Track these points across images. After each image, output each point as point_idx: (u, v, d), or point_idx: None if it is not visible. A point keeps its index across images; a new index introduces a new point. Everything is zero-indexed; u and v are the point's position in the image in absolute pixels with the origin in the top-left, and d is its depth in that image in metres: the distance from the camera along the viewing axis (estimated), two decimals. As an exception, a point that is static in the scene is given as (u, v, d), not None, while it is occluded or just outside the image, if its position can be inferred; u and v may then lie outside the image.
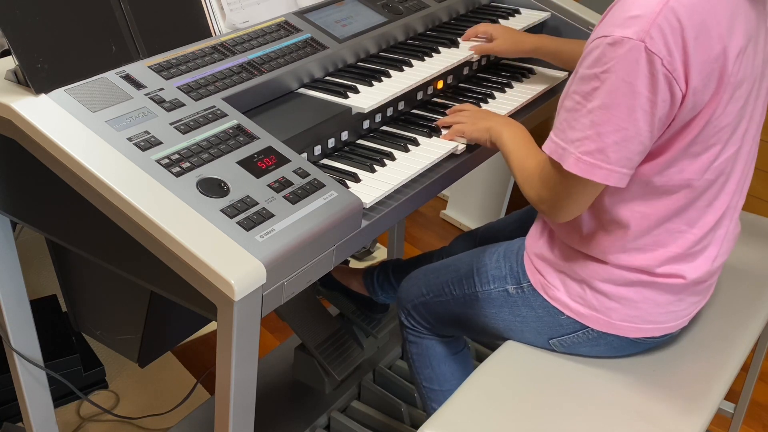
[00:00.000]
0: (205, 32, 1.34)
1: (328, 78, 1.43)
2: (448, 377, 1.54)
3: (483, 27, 1.63)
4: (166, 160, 1.05)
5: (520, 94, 1.59)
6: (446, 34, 1.67)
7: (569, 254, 1.29)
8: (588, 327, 1.30)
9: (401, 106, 1.47)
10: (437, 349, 1.54)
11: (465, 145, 1.37)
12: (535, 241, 1.36)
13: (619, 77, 1.05)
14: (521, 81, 1.66)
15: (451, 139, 1.38)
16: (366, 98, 1.35)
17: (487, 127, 1.35)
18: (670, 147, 1.13)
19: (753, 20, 1.13)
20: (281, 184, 1.07)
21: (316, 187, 1.09)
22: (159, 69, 1.21)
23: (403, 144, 1.34)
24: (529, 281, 1.35)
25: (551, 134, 1.15)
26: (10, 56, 1.11)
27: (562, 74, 1.69)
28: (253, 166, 1.09)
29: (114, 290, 1.52)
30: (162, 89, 1.17)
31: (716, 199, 1.21)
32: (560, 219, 1.21)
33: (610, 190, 1.19)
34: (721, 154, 1.16)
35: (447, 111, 1.45)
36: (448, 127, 1.40)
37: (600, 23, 1.11)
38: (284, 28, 1.43)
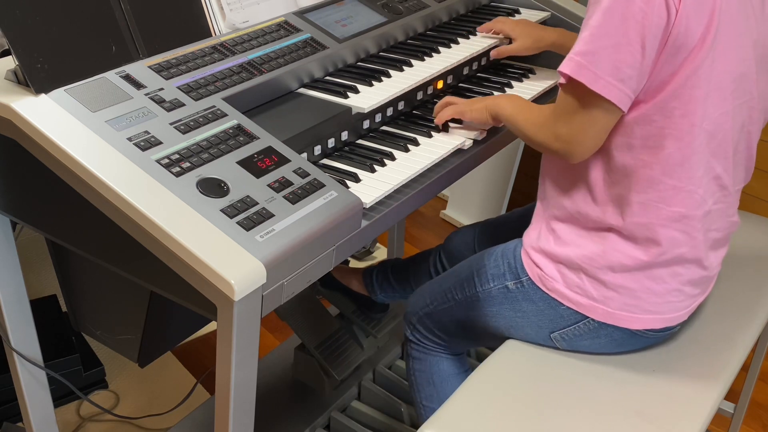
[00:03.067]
0: (205, 32, 1.34)
1: (328, 78, 1.43)
2: (449, 396, 1.53)
3: (500, 25, 1.64)
4: (166, 160, 1.05)
5: (520, 94, 1.59)
6: (446, 34, 1.67)
7: (566, 242, 1.30)
8: (588, 317, 1.31)
9: (401, 106, 1.47)
10: (442, 366, 1.54)
11: (473, 141, 1.38)
12: (532, 236, 1.37)
13: None
14: (521, 81, 1.66)
15: (450, 119, 1.40)
16: (366, 98, 1.35)
17: (483, 106, 1.37)
18: (667, 84, 1.15)
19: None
20: (281, 184, 1.07)
21: (316, 187, 1.09)
22: (159, 69, 1.21)
23: (403, 144, 1.34)
24: (528, 275, 1.35)
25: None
26: (10, 56, 1.11)
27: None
28: (253, 166, 1.09)
29: (114, 290, 1.52)
30: (162, 89, 1.17)
31: (715, 159, 1.22)
32: (577, 154, 1.22)
33: (617, 134, 1.20)
34: (719, 105, 1.18)
35: (435, 108, 1.45)
36: (444, 129, 1.41)
37: None
38: (284, 28, 1.43)
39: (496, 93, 1.58)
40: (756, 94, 1.25)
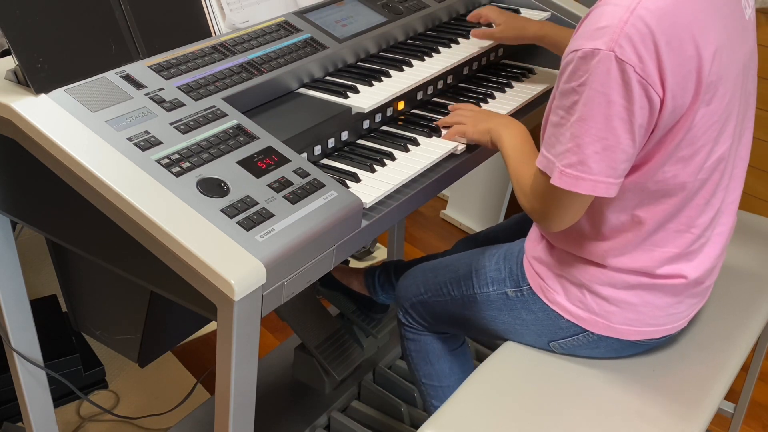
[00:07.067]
0: (205, 32, 1.34)
1: (328, 78, 1.43)
2: (447, 373, 1.54)
3: (486, 11, 1.63)
4: (166, 160, 1.05)
5: (520, 94, 1.59)
6: (446, 34, 1.67)
7: (568, 259, 1.29)
8: (587, 330, 1.30)
9: (401, 106, 1.47)
10: (435, 346, 1.54)
11: (465, 145, 1.37)
12: (534, 245, 1.36)
13: (593, 88, 1.05)
14: (521, 81, 1.66)
15: (451, 139, 1.38)
16: (366, 98, 1.35)
17: (487, 129, 1.34)
18: (658, 152, 1.13)
19: (728, 16, 1.13)
20: (281, 184, 1.07)
21: (316, 187, 1.09)
22: (159, 69, 1.21)
23: (403, 144, 1.34)
24: (529, 284, 1.35)
25: (542, 148, 1.16)
26: (10, 56, 1.11)
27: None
28: (253, 166, 1.09)
29: (114, 290, 1.52)
30: (162, 89, 1.17)
31: (712, 196, 1.21)
32: (552, 229, 1.21)
33: (606, 198, 1.18)
34: (712, 153, 1.16)
35: (449, 108, 1.45)
36: (448, 127, 1.40)
37: (573, 36, 1.11)
38: (284, 28, 1.43)
39: (496, 93, 1.58)
40: (745, 105, 1.22)
